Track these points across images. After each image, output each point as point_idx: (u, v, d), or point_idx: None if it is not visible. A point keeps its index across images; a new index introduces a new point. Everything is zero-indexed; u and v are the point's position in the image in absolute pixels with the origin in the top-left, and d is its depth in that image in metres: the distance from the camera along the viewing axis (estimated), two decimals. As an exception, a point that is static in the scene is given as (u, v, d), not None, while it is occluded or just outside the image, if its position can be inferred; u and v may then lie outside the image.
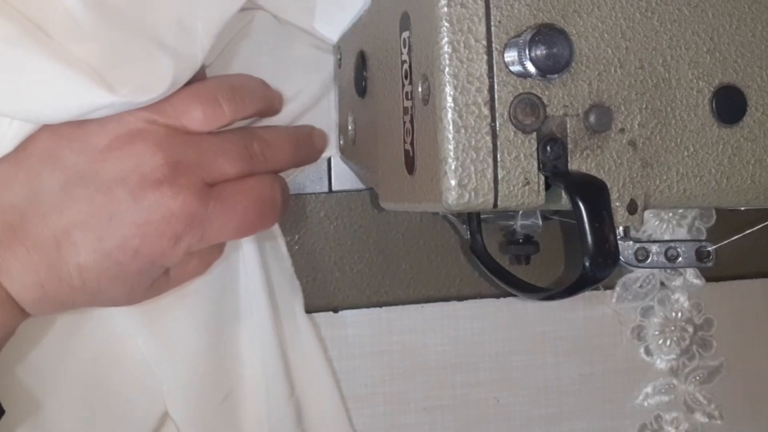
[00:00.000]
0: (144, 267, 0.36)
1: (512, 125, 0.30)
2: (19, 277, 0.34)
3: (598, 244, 0.28)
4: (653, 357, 0.53)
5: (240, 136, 0.38)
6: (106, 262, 0.35)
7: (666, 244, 0.36)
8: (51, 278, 0.35)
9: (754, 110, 0.33)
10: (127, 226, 0.35)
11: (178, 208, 0.35)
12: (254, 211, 0.38)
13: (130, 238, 0.35)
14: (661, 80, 0.32)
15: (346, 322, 0.49)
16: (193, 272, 0.41)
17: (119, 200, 0.34)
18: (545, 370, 0.52)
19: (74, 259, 0.35)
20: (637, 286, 0.52)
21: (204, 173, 0.36)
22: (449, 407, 0.51)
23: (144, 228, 0.35)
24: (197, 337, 0.43)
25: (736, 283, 0.54)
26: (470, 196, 0.29)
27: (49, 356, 0.42)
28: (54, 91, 0.33)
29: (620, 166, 0.31)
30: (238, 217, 0.37)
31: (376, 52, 0.38)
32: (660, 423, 0.53)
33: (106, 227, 0.34)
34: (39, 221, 0.34)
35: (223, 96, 0.37)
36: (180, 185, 0.35)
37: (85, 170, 0.34)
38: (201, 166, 0.36)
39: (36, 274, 0.34)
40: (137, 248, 0.35)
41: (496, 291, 0.50)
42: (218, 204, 0.36)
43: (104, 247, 0.35)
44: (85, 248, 0.35)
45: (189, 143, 0.36)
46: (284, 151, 0.41)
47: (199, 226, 0.36)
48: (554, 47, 0.29)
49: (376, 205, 0.48)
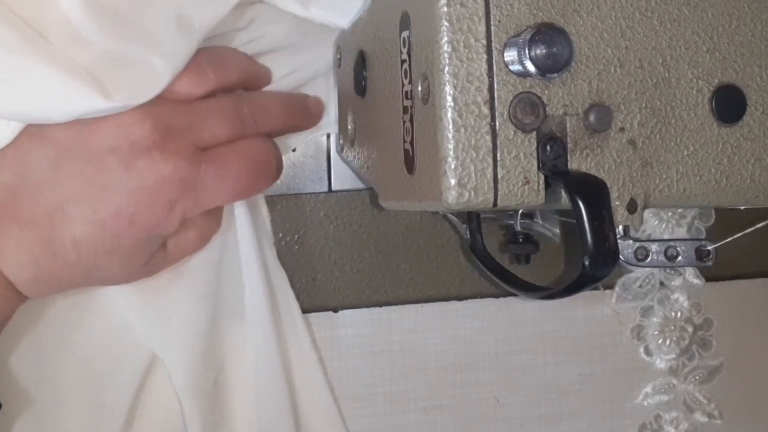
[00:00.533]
0: (140, 237, 0.36)
1: (512, 124, 0.30)
2: (13, 257, 0.34)
3: (598, 243, 0.28)
4: (653, 357, 0.53)
5: (230, 99, 0.38)
6: (102, 234, 0.35)
7: (666, 244, 0.36)
8: (46, 255, 0.35)
9: (753, 109, 0.33)
10: (120, 195, 0.34)
11: (170, 172, 0.35)
12: (248, 173, 0.38)
13: (124, 207, 0.35)
14: (660, 79, 0.32)
15: (345, 321, 0.49)
16: (190, 246, 0.40)
17: (110, 170, 0.34)
18: (545, 369, 0.52)
19: (69, 233, 0.35)
20: (636, 285, 0.52)
21: (194, 137, 0.36)
22: (449, 407, 0.51)
23: (137, 196, 0.35)
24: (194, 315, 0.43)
25: (736, 283, 0.54)
26: (470, 195, 0.30)
27: (46, 349, 0.42)
28: (51, 95, 0.33)
29: (620, 165, 0.31)
30: (232, 179, 0.37)
31: (375, 52, 0.38)
32: (660, 423, 0.53)
33: (99, 198, 0.34)
34: (30, 199, 0.34)
35: (207, 62, 0.37)
36: (170, 150, 0.35)
37: (74, 144, 0.35)
38: (191, 131, 0.36)
39: (30, 252, 0.34)
40: (132, 217, 0.35)
41: (496, 290, 0.50)
42: (210, 167, 0.36)
43: (98, 219, 0.35)
44: (79, 221, 0.35)
45: (177, 109, 0.36)
46: (276, 114, 0.41)
47: (192, 190, 0.36)
48: (554, 46, 0.29)
49: (376, 205, 0.48)
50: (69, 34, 0.35)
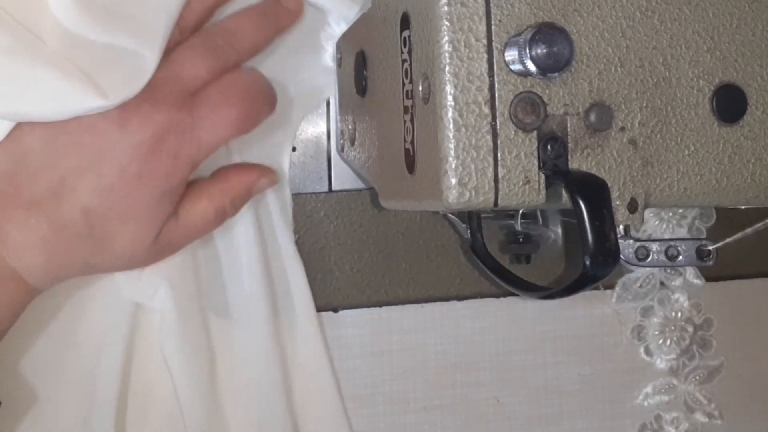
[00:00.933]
0: (153, 194, 0.36)
1: (513, 124, 0.30)
2: (21, 241, 0.34)
3: (599, 243, 0.28)
4: (653, 357, 0.53)
5: (200, 37, 0.38)
6: (111, 198, 0.35)
7: (666, 243, 0.36)
8: (56, 232, 0.35)
9: (754, 109, 0.33)
10: (121, 154, 0.34)
11: (164, 121, 0.35)
12: (240, 104, 0.37)
13: (127, 165, 0.35)
14: (661, 79, 0.32)
15: (346, 321, 0.49)
16: (202, 215, 0.40)
17: (106, 133, 0.34)
18: (545, 369, 0.52)
19: (77, 205, 0.34)
20: (637, 286, 0.52)
21: (179, 84, 0.36)
22: (449, 407, 0.51)
23: (138, 151, 0.35)
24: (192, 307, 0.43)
25: (736, 283, 0.54)
26: (471, 194, 0.29)
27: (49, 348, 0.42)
28: (47, 96, 0.33)
29: (621, 164, 0.31)
30: (226, 114, 0.37)
31: (376, 52, 0.38)
32: (660, 423, 0.53)
33: (100, 163, 0.34)
34: (31, 181, 0.34)
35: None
36: (160, 100, 0.35)
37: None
38: (173, 78, 0.36)
39: (38, 232, 0.34)
40: (139, 174, 0.35)
41: (496, 290, 0.50)
42: (202, 108, 0.36)
43: (105, 184, 0.35)
44: (86, 190, 0.34)
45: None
46: (251, 32, 0.40)
47: (190, 133, 0.36)
48: (555, 46, 0.29)
49: (376, 205, 0.48)
50: (62, 34, 0.35)
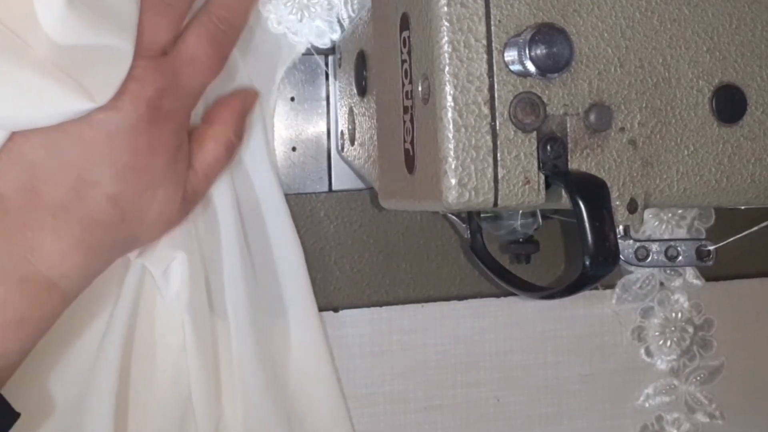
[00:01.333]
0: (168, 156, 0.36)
1: (512, 124, 0.30)
2: (57, 248, 0.35)
3: (598, 243, 0.28)
4: (654, 358, 0.53)
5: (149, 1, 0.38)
6: (132, 177, 0.35)
7: (666, 244, 0.36)
8: (89, 229, 0.35)
9: (754, 109, 0.33)
10: (126, 135, 0.35)
11: (152, 91, 0.35)
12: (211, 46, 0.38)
13: (135, 142, 0.35)
14: (661, 79, 0.32)
15: (346, 321, 0.49)
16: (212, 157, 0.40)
17: (104, 123, 0.35)
18: (545, 369, 0.52)
19: (102, 196, 0.35)
20: (636, 287, 0.52)
21: (151, 51, 0.36)
22: (449, 407, 0.51)
23: (139, 126, 0.35)
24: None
25: (736, 283, 0.54)
26: (470, 195, 0.30)
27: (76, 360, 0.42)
28: (35, 102, 0.33)
29: (620, 165, 0.31)
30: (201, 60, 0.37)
31: (376, 52, 0.38)
32: (661, 424, 0.53)
33: (110, 150, 0.35)
34: (49, 188, 0.35)
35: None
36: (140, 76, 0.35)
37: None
38: (145, 49, 0.36)
39: (72, 235, 0.35)
40: (149, 144, 0.35)
41: (496, 290, 0.50)
42: (179, 63, 0.37)
43: (121, 167, 0.35)
44: (106, 179, 0.35)
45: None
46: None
47: (177, 89, 0.36)
48: (554, 46, 0.29)
49: (376, 205, 0.48)
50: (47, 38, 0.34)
